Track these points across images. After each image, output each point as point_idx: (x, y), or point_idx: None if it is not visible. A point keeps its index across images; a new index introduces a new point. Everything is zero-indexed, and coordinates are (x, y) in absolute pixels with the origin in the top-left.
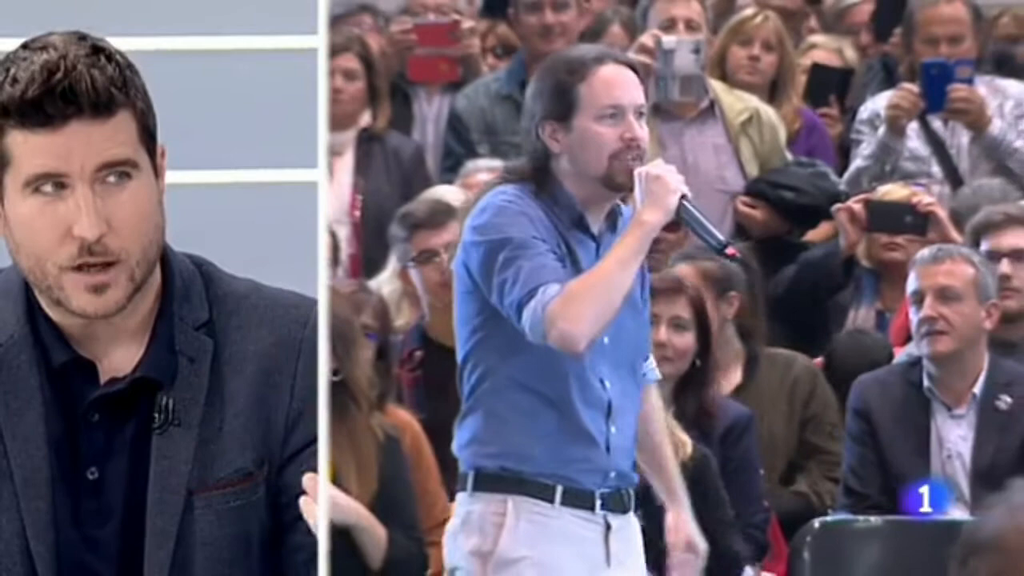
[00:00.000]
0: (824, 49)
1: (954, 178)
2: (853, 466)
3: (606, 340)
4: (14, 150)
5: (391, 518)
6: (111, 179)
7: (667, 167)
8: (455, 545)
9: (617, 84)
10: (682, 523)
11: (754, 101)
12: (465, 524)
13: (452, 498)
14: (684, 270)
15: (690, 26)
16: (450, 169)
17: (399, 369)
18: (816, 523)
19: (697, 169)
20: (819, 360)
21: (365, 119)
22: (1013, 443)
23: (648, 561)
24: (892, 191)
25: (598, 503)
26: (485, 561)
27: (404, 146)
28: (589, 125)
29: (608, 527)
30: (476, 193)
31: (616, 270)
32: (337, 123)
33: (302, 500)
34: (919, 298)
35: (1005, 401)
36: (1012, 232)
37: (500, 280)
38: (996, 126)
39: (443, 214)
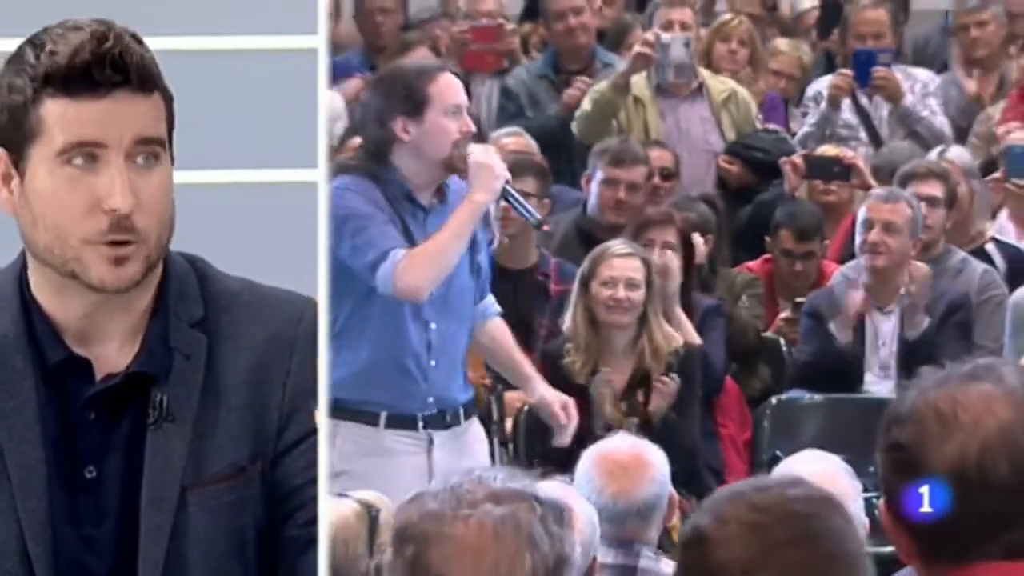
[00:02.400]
0: (786, 55)
1: (876, 141)
2: (803, 347)
3: (434, 291)
4: (48, 120)
5: None
6: (139, 160)
7: (493, 155)
8: None
9: (457, 88)
10: (544, 392)
11: (732, 84)
12: None
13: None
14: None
15: (683, 27)
16: (507, 121)
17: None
18: (773, 400)
19: (689, 134)
20: None
21: None
22: (928, 328)
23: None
24: (827, 149)
25: (420, 424)
26: None
27: None
28: (438, 119)
29: (431, 442)
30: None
31: (450, 240)
32: None
33: None
34: (869, 226)
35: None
36: (929, 182)
37: (352, 245)
38: (908, 100)
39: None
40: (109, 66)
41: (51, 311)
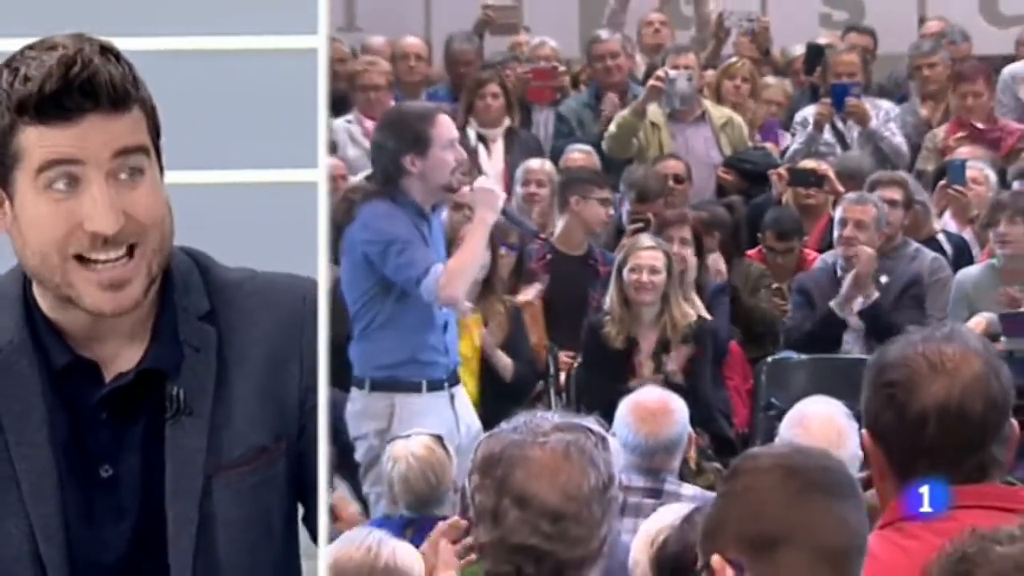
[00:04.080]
0: (774, 88)
1: None
2: (794, 316)
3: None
4: (27, 146)
5: (515, 355)
6: (123, 175)
7: (493, 183)
8: (359, 423)
9: (450, 126)
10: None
11: (729, 112)
12: (365, 412)
13: (553, 343)
14: (692, 214)
15: (687, 67)
16: (561, 140)
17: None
18: (769, 359)
19: (694, 151)
20: None
21: (506, 121)
22: (887, 298)
23: None
24: (805, 163)
25: (446, 384)
26: (383, 436)
27: (528, 138)
28: (439, 154)
29: (453, 396)
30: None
31: (475, 252)
32: (490, 123)
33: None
34: (843, 223)
35: (883, 279)
36: (891, 188)
37: (396, 264)
38: (873, 123)
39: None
40: (78, 92)
41: (54, 318)
